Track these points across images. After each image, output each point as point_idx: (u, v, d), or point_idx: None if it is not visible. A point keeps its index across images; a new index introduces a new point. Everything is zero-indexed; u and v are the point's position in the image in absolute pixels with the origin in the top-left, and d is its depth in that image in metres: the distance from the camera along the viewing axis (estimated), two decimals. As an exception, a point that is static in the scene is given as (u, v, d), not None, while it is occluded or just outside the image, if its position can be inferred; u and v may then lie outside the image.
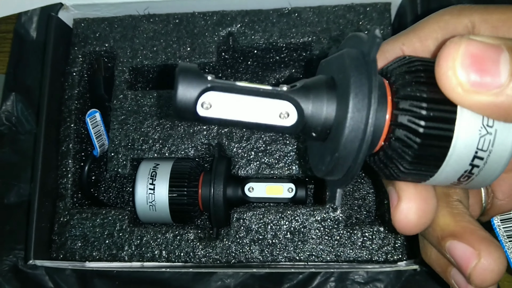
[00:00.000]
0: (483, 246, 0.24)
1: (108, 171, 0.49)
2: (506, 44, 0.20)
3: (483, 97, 0.20)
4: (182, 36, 0.51)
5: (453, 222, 0.25)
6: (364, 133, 0.20)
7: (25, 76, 0.58)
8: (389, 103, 0.21)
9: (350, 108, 0.20)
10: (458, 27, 0.25)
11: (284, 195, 0.46)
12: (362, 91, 0.20)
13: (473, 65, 0.20)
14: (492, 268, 0.23)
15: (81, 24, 0.53)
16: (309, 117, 0.22)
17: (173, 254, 0.45)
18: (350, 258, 0.44)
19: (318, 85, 0.22)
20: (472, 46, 0.20)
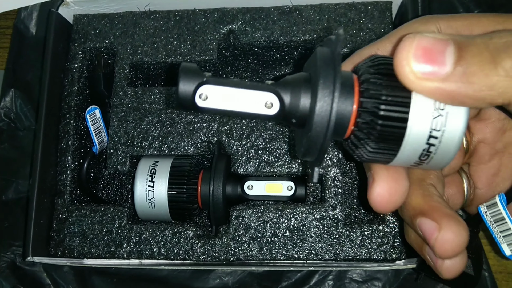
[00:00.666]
0: (444, 220, 0.27)
1: (107, 168, 0.49)
2: (453, 39, 0.23)
3: (432, 83, 0.23)
4: (182, 33, 0.51)
5: (423, 202, 0.28)
6: (330, 115, 0.24)
7: (24, 72, 0.58)
8: (356, 92, 0.25)
9: (318, 97, 0.24)
10: None
11: (283, 193, 0.46)
12: (328, 81, 0.24)
13: (424, 56, 0.23)
14: (452, 239, 0.26)
15: (81, 20, 0.52)
16: (288, 107, 0.26)
17: (172, 252, 0.45)
18: (348, 257, 0.44)
19: (297, 80, 0.26)
20: (424, 40, 0.23)
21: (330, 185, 0.45)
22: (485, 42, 0.23)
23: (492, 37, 0.23)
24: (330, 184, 0.45)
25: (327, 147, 0.25)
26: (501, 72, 0.22)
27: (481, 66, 0.22)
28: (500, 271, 0.49)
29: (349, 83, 0.25)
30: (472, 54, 0.23)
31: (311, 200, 0.49)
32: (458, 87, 0.23)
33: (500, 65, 0.22)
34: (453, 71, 0.23)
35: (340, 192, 0.45)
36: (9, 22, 0.60)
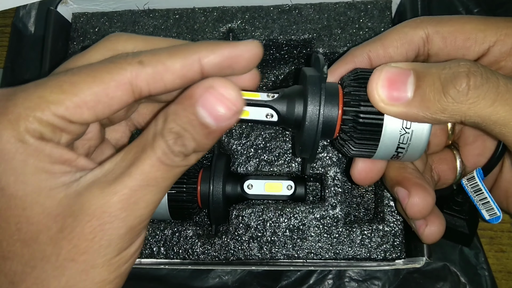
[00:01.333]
0: (413, 188, 0.33)
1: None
2: (414, 69, 0.28)
3: (397, 108, 0.29)
4: (182, 32, 0.50)
5: (398, 174, 0.35)
6: (318, 119, 0.30)
7: (23, 70, 0.57)
8: (341, 101, 0.31)
9: (308, 104, 0.30)
10: (414, 38, 0.33)
11: (283, 193, 0.46)
12: (316, 92, 0.30)
13: (389, 86, 0.28)
14: (418, 203, 0.33)
15: (80, 19, 0.52)
16: (285, 116, 0.32)
17: (172, 251, 0.45)
18: (348, 256, 0.44)
19: (292, 93, 0.32)
20: (389, 72, 0.29)
21: (330, 184, 0.45)
22: (438, 73, 0.28)
23: (445, 67, 0.28)
24: (330, 183, 0.45)
25: (318, 146, 0.31)
26: (449, 99, 0.27)
27: (434, 94, 0.27)
28: (500, 270, 0.49)
29: (335, 93, 0.31)
30: (427, 84, 0.28)
31: (311, 199, 0.49)
32: (417, 111, 0.28)
33: (448, 93, 0.27)
34: (413, 98, 0.28)
35: (340, 191, 0.45)
36: (8, 20, 0.60)
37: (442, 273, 0.49)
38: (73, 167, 0.26)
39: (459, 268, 0.49)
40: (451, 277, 0.49)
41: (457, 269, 0.49)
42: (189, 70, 0.27)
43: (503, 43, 0.32)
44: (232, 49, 0.28)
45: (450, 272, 0.49)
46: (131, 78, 0.26)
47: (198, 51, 0.27)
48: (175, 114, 0.26)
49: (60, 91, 0.25)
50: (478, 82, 0.27)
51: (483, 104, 0.27)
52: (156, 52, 0.27)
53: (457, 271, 0.49)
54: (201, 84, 0.26)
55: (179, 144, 0.26)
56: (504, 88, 0.27)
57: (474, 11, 0.57)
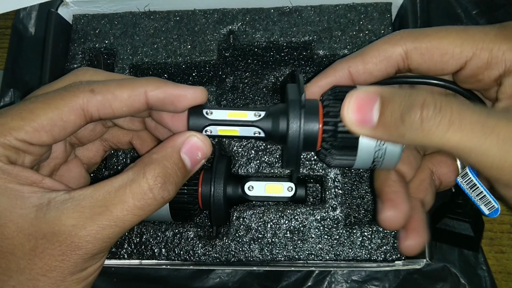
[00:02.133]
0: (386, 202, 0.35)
1: (108, 169, 0.49)
2: (381, 95, 0.30)
3: (365, 131, 0.31)
4: (182, 34, 0.51)
5: (380, 185, 0.36)
6: (299, 133, 0.33)
7: (24, 72, 0.57)
8: (321, 116, 0.33)
9: (290, 121, 0.33)
10: (393, 55, 0.34)
11: (283, 194, 0.46)
12: (297, 110, 0.33)
13: (358, 110, 0.30)
14: (388, 218, 0.35)
15: (81, 21, 0.52)
16: (271, 133, 0.35)
17: (173, 252, 0.45)
18: (349, 257, 0.44)
19: (277, 111, 0.35)
20: (358, 97, 0.30)
21: (330, 186, 0.45)
22: (399, 101, 0.29)
23: (405, 96, 0.29)
24: (330, 185, 0.45)
25: (300, 158, 0.34)
26: (407, 127, 0.29)
27: (394, 122, 0.29)
28: (500, 271, 0.50)
29: (315, 109, 0.34)
30: (389, 111, 0.29)
31: (311, 201, 0.49)
32: (382, 135, 0.30)
33: (404, 122, 0.29)
34: (377, 123, 0.30)
35: (340, 193, 0.45)
36: (8, 22, 0.60)
37: (442, 274, 0.49)
38: (40, 187, 0.29)
39: (458, 269, 0.49)
40: (451, 278, 0.49)
41: (456, 270, 0.49)
42: (135, 100, 0.32)
43: (478, 58, 0.32)
44: (176, 89, 0.33)
45: (450, 273, 0.49)
46: (83, 104, 0.31)
47: (145, 85, 0.32)
48: (158, 161, 0.30)
49: (20, 118, 0.30)
50: (431, 113, 0.28)
51: (437, 133, 0.28)
52: (107, 83, 0.32)
53: (457, 272, 0.49)
54: (182, 135, 0.32)
55: (163, 187, 0.30)
56: (457, 117, 0.28)
57: (473, 13, 0.57)
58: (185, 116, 0.35)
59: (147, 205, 0.29)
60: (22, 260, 0.28)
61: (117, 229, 0.29)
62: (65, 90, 0.31)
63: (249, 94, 0.52)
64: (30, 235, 0.28)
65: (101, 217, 0.28)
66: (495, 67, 0.32)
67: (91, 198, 0.29)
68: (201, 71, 0.51)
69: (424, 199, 0.38)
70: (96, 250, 0.29)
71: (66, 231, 0.28)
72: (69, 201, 0.29)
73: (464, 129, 0.27)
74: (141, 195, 0.29)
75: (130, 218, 0.29)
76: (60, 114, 0.30)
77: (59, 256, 0.28)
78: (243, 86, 0.52)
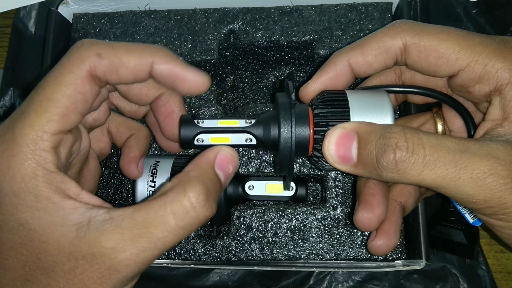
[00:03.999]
0: (362, 204, 0.36)
1: (108, 167, 0.49)
2: (358, 133, 0.31)
3: (347, 168, 0.32)
4: (183, 33, 0.51)
5: (360, 186, 0.37)
6: (291, 139, 0.33)
7: (24, 71, 0.57)
8: (311, 121, 0.34)
9: (281, 127, 0.34)
10: (392, 47, 0.34)
11: (284, 194, 0.46)
12: (287, 116, 0.34)
13: (337, 149, 0.32)
14: (362, 219, 0.35)
15: (81, 19, 0.52)
16: (262, 139, 0.35)
17: (173, 252, 0.45)
18: (349, 257, 0.44)
19: (267, 117, 0.35)
20: (338, 135, 0.32)
21: (331, 185, 0.45)
22: (375, 142, 0.30)
23: (379, 137, 0.30)
24: (331, 184, 0.45)
25: (293, 164, 0.35)
26: (382, 169, 0.29)
27: (371, 163, 0.30)
28: (500, 270, 0.50)
29: (306, 115, 0.34)
30: (366, 152, 0.30)
31: (311, 200, 0.49)
32: (362, 173, 0.31)
33: (380, 165, 0.29)
34: (356, 163, 0.31)
35: (340, 192, 0.45)
36: (8, 21, 0.60)
37: (442, 274, 0.49)
38: (80, 202, 0.29)
39: (458, 269, 0.49)
40: (451, 278, 0.49)
41: (456, 270, 0.49)
42: (142, 70, 0.31)
43: (471, 70, 0.32)
44: (182, 70, 0.32)
45: (450, 273, 0.49)
46: (90, 69, 0.30)
47: (153, 55, 0.32)
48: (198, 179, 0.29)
49: (44, 110, 0.28)
50: (404, 156, 0.29)
51: (412, 174, 0.29)
52: (114, 46, 0.31)
53: (456, 272, 0.49)
54: (212, 151, 0.32)
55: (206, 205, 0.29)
56: (431, 158, 0.28)
57: (473, 12, 0.57)
58: (176, 119, 0.35)
59: (189, 224, 0.28)
60: (62, 278, 0.28)
61: (157, 252, 0.28)
62: (68, 60, 0.30)
63: (249, 93, 0.52)
64: (70, 255, 0.27)
65: (141, 239, 0.27)
66: (486, 83, 0.32)
67: (131, 219, 0.28)
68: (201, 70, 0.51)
69: (405, 203, 0.39)
70: (134, 273, 0.28)
71: (106, 253, 0.27)
72: (108, 222, 0.28)
73: (438, 167, 0.28)
74: (184, 214, 0.28)
75: (170, 239, 0.28)
76: (76, 88, 0.29)
77: (98, 279, 0.27)
78: (244, 86, 0.52)
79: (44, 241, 0.28)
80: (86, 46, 0.30)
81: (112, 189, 0.53)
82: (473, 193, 0.28)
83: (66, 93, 0.29)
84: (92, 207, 0.29)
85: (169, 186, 0.29)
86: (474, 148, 0.29)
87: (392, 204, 0.38)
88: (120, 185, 0.52)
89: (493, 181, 0.28)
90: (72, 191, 0.29)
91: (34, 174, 0.28)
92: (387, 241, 0.36)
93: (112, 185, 0.53)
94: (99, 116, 0.37)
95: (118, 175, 0.52)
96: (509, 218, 0.29)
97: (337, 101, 0.34)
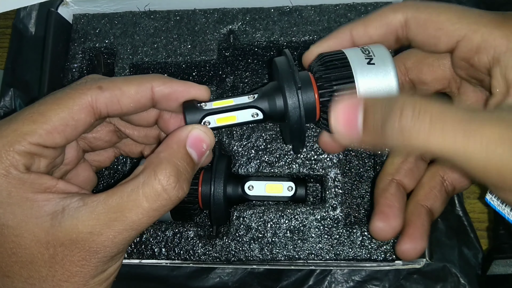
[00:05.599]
0: (379, 214, 0.37)
1: (107, 168, 0.49)
2: (364, 102, 0.30)
3: (353, 138, 0.30)
4: (183, 33, 0.51)
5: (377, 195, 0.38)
6: (299, 106, 0.33)
7: (24, 71, 0.57)
8: (314, 86, 0.34)
9: (287, 97, 0.33)
10: (393, 21, 0.35)
11: (284, 194, 0.46)
12: (291, 84, 0.33)
13: (343, 118, 0.30)
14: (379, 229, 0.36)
15: (81, 20, 0.52)
16: (269, 112, 0.35)
17: (173, 252, 0.45)
18: (349, 257, 0.44)
19: (270, 90, 0.35)
20: (343, 105, 0.30)
21: (331, 185, 0.45)
22: (381, 110, 0.29)
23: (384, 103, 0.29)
24: (331, 184, 0.45)
25: (305, 131, 0.35)
26: (387, 135, 0.28)
27: (377, 131, 0.29)
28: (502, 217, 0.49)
29: (308, 80, 0.34)
30: (372, 121, 0.29)
31: (311, 200, 0.49)
32: (369, 141, 0.30)
33: (384, 130, 0.28)
34: (363, 132, 0.30)
35: (340, 192, 0.45)
36: (8, 21, 0.60)
37: (442, 274, 0.49)
38: (54, 193, 0.29)
39: (459, 268, 0.49)
40: (451, 278, 0.49)
41: (456, 270, 0.49)
42: (142, 96, 0.32)
43: (470, 39, 0.32)
44: (181, 85, 0.33)
45: (450, 273, 0.49)
46: (91, 101, 0.31)
47: (151, 80, 0.33)
48: (167, 160, 0.30)
49: (31, 121, 0.29)
50: (409, 119, 0.27)
51: (418, 139, 0.27)
52: (114, 79, 0.32)
53: (456, 272, 0.49)
54: (183, 129, 0.32)
55: (177, 186, 0.30)
56: (438, 121, 0.27)
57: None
58: (174, 120, 0.36)
59: (162, 206, 0.29)
60: (43, 268, 0.29)
61: (133, 232, 0.29)
62: (72, 89, 0.31)
63: (249, 93, 0.52)
64: (48, 243, 0.28)
65: (116, 223, 0.28)
66: (485, 52, 0.31)
67: (105, 205, 0.29)
68: (201, 71, 0.51)
69: (432, 207, 0.38)
70: (114, 253, 0.29)
71: (84, 238, 0.28)
72: (83, 208, 0.28)
73: (445, 134, 0.26)
74: (156, 197, 0.29)
75: (145, 220, 0.29)
76: (71, 113, 0.30)
77: (79, 261, 0.29)
78: (243, 86, 0.52)
79: (18, 234, 0.28)
80: (90, 81, 0.32)
81: (112, 189, 0.53)
82: (484, 164, 0.26)
83: (59, 114, 0.30)
84: (66, 196, 0.29)
85: (140, 168, 0.30)
86: (484, 115, 0.27)
87: (417, 208, 0.38)
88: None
89: (505, 149, 0.25)
90: (46, 184, 0.29)
91: (6, 172, 0.28)
92: (413, 244, 0.36)
93: (113, 186, 0.53)
94: (100, 145, 0.38)
95: (118, 175, 0.52)
96: None
97: (336, 60, 0.34)
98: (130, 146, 0.40)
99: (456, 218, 0.51)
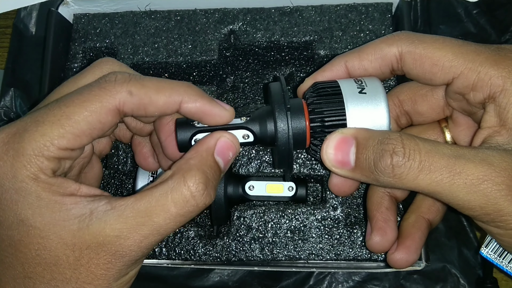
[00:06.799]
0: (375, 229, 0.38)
1: (108, 168, 0.49)
2: (357, 138, 0.32)
3: (345, 172, 0.33)
4: (183, 33, 0.51)
5: (372, 210, 0.39)
6: (288, 133, 0.34)
7: (24, 71, 0.57)
8: (306, 113, 0.34)
9: (277, 122, 0.34)
10: (388, 54, 0.35)
11: (284, 194, 0.46)
12: (282, 110, 0.34)
13: (336, 154, 0.32)
14: (375, 243, 0.37)
15: (81, 20, 0.52)
16: (260, 134, 0.35)
17: (174, 252, 0.45)
18: (349, 257, 0.44)
19: (262, 113, 0.35)
20: (336, 140, 0.32)
21: (331, 186, 0.45)
22: (372, 147, 0.30)
23: (377, 142, 0.30)
24: (331, 185, 0.45)
25: (293, 157, 0.35)
26: (379, 173, 0.30)
27: (369, 167, 0.31)
28: (500, 270, 0.50)
29: (300, 107, 0.34)
30: (364, 157, 0.31)
31: (312, 200, 0.49)
32: (359, 177, 0.32)
33: (377, 167, 0.30)
34: (354, 167, 0.32)
35: (341, 192, 0.45)
36: (9, 21, 0.60)
37: (442, 274, 0.49)
38: (81, 197, 0.30)
39: (458, 269, 0.49)
40: (451, 278, 0.49)
41: (456, 270, 0.49)
42: (169, 107, 0.32)
43: (465, 77, 0.32)
44: (210, 107, 0.33)
45: (450, 273, 0.49)
46: (119, 105, 0.31)
47: (182, 94, 0.32)
48: (197, 167, 0.30)
49: (59, 125, 0.29)
50: (400, 161, 0.29)
51: (408, 179, 0.29)
52: (145, 84, 0.31)
53: (456, 272, 0.49)
54: (212, 137, 0.33)
55: (205, 193, 0.30)
56: (426, 163, 0.29)
57: (473, 12, 0.57)
58: (171, 126, 0.36)
59: (189, 212, 0.30)
60: (68, 270, 0.29)
61: (159, 237, 0.30)
62: (99, 88, 0.30)
63: (250, 94, 0.52)
64: (74, 246, 0.28)
65: (144, 227, 0.29)
66: (480, 90, 0.32)
67: (133, 209, 0.29)
68: (201, 71, 0.51)
69: (433, 220, 0.39)
70: (138, 256, 0.30)
71: (111, 241, 0.28)
72: (111, 212, 0.29)
73: (432, 175, 0.29)
74: (184, 203, 0.29)
75: (172, 225, 0.29)
76: (99, 117, 0.30)
77: (104, 265, 0.29)
78: (244, 86, 0.52)
79: (44, 236, 0.28)
80: (120, 81, 0.31)
81: (113, 189, 0.53)
82: (468, 199, 0.29)
83: (87, 118, 0.30)
84: (93, 199, 0.30)
85: (169, 173, 0.30)
86: (469, 155, 0.29)
87: (419, 221, 0.39)
88: (120, 185, 0.52)
89: (487, 187, 0.28)
90: (72, 188, 0.30)
91: (35, 176, 0.28)
92: (406, 256, 0.37)
93: (113, 185, 0.53)
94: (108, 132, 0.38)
95: (119, 175, 0.52)
96: (507, 225, 0.29)
97: (328, 88, 0.35)
98: (123, 132, 0.40)
99: (455, 219, 0.51)
